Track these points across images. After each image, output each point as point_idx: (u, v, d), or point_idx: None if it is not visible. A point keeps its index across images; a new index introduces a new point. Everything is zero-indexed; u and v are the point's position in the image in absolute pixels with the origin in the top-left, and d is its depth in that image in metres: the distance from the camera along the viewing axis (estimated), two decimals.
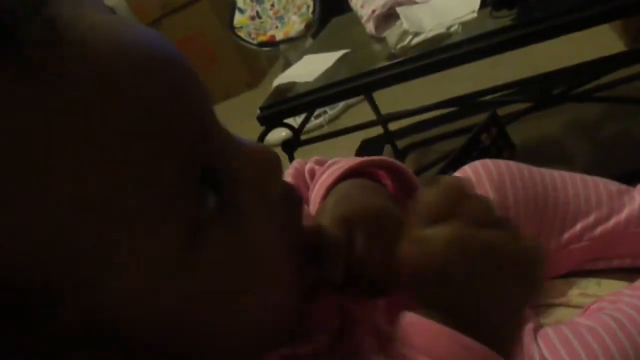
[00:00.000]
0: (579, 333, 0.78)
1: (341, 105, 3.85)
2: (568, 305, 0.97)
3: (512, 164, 1.01)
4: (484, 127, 2.16)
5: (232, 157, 0.55)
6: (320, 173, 0.88)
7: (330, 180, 0.82)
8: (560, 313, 0.96)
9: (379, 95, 2.72)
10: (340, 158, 0.91)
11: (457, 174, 1.02)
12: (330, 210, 0.73)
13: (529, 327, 0.83)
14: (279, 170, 0.59)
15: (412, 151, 3.03)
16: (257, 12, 3.87)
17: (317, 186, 0.86)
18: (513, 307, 0.64)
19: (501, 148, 2.18)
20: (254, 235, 0.55)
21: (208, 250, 0.51)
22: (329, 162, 0.92)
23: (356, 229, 0.67)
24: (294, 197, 0.63)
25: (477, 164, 1.01)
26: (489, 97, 2.36)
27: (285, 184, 0.62)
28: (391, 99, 2.86)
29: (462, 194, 0.62)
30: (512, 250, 0.62)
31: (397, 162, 0.85)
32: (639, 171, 1.09)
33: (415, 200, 0.64)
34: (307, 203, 0.88)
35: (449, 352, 0.57)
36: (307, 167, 0.96)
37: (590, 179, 1.03)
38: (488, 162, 1.02)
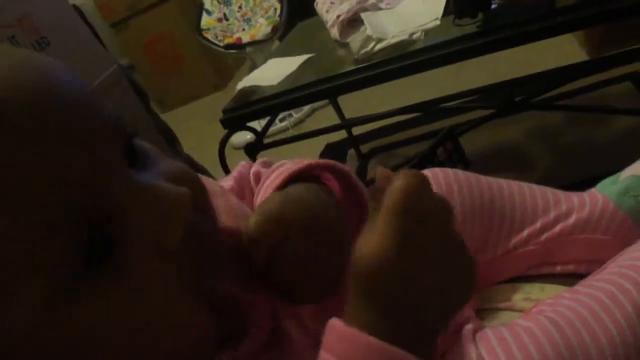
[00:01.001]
0: (516, 333, 0.79)
1: (306, 108, 3.86)
2: (512, 310, 0.99)
3: (461, 173, 1.03)
4: (440, 141, 2.19)
5: (127, 210, 0.53)
6: (265, 177, 0.87)
7: (276, 182, 0.81)
8: (504, 317, 0.98)
9: (344, 100, 2.73)
10: (287, 160, 0.90)
11: None
12: (270, 209, 0.70)
13: (468, 328, 0.84)
14: (179, 217, 0.55)
15: (375, 155, 3.05)
16: (225, 14, 3.86)
17: (262, 189, 0.85)
18: (445, 312, 0.63)
19: (455, 163, 2.22)
20: (140, 284, 0.54)
21: (80, 304, 0.50)
22: (275, 164, 0.91)
23: (292, 230, 0.68)
24: (201, 234, 0.61)
25: (427, 172, 1.02)
26: (451, 103, 2.37)
27: (189, 224, 0.57)
28: (356, 103, 2.87)
29: (421, 189, 0.60)
30: (455, 254, 0.62)
31: (342, 165, 0.84)
32: (598, 177, 1.11)
33: (374, 192, 0.63)
34: (252, 207, 0.88)
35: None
36: (253, 170, 0.95)
37: (537, 188, 1.05)
38: (437, 170, 1.04)
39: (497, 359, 0.77)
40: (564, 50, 2.84)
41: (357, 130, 3.01)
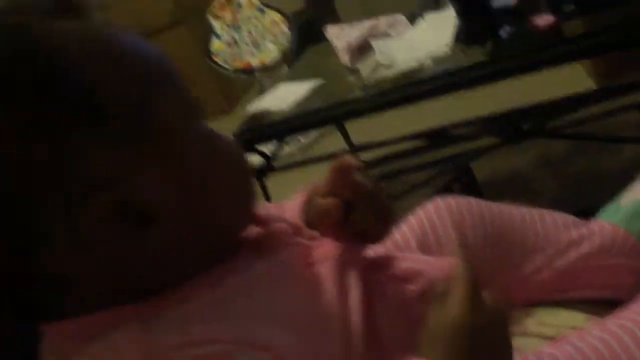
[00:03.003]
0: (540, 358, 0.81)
1: (314, 132, 3.86)
2: (526, 335, 0.99)
3: (473, 201, 1.05)
4: (456, 177, 2.20)
5: None
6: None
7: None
8: (519, 342, 0.97)
9: (352, 124, 2.74)
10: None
11: (419, 209, 1.06)
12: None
13: None
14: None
15: (382, 182, 3.04)
16: (234, 39, 3.88)
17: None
18: None
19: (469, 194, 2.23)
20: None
21: None
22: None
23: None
24: None
25: (439, 200, 1.05)
26: (459, 130, 2.38)
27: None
28: (363, 128, 2.88)
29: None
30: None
31: None
32: (605, 206, 1.13)
33: None
34: None
35: None
36: None
37: (548, 215, 1.06)
38: (449, 199, 1.05)
39: None
40: (571, 78, 2.85)
41: (364, 156, 3.01)
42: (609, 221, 1.07)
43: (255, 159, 2.47)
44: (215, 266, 0.69)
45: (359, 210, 0.79)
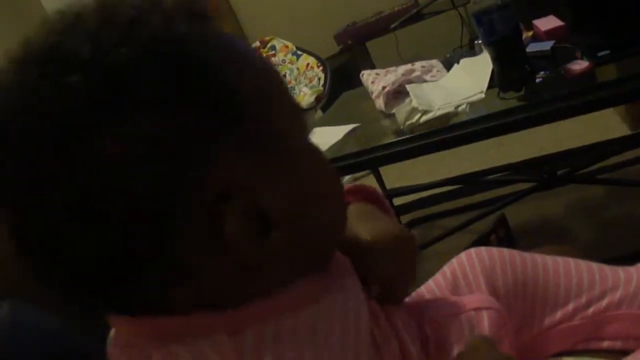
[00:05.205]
0: None
1: (347, 177, 3.87)
2: None
3: (506, 251, 1.05)
4: (493, 228, 2.20)
5: None
6: None
7: None
8: None
9: (385, 168, 2.75)
10: None
11: (453, 259, 1.08)
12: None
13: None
14: None
15: (415, 226, 3.04)
16: None
17: None
18: None
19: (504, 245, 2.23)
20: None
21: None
22: None
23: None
24: None
25: (472, 251, 1.07)
26: (493, 176, 2.39)
27: None
28: (397, 172, 2.89)
29: None
30: None
31: (370, 186, 1.02)
32: None
33: None
34: None
35: None
36: None
37: (583, 263, 1.05)
38: (482, 249, 1.06)
39: None
40: (605, 124, 2.85)
41: (397, 201, 3.02)
42: None
43: None
44: (309, 280, 0.70)
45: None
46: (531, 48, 1.93)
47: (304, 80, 3.85)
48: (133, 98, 0.57)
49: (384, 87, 2.06)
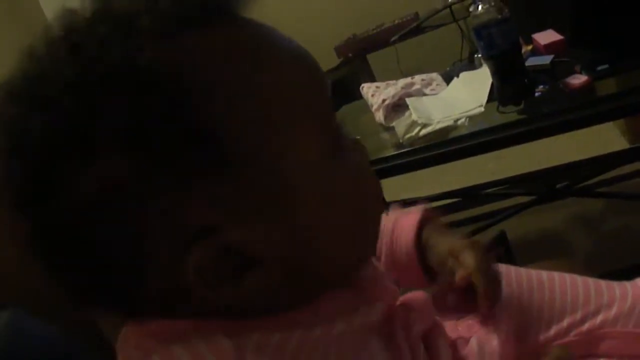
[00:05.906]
0: None
1: None
2: None
3: (503, 266, 1.05)
4: (492, 246, 2.20)
5: None
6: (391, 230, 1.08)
7: (413, 232, 1.04)
8: None
9: (384, 181, 2.74)
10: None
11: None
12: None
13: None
14: None
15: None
16: None
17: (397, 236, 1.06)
18: None
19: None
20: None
21: (338, 160, 0.66)
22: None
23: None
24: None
25: None
26: (492, 189, 2.39)
27: None
28: (396, 185, 2.89)
29: None
30: None
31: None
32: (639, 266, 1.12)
33: None
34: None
35: None
36: None
37: (579, 278, 1.05)
38: None
39: None
40: (604, 138, 2.85)
41: None
42: None
43: None
44: (321, 298, 0.67)
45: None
46: (530, 62, 1.94)
47: None
48: (92, 143, 0.55)
49: (384, 100, 2.06)
